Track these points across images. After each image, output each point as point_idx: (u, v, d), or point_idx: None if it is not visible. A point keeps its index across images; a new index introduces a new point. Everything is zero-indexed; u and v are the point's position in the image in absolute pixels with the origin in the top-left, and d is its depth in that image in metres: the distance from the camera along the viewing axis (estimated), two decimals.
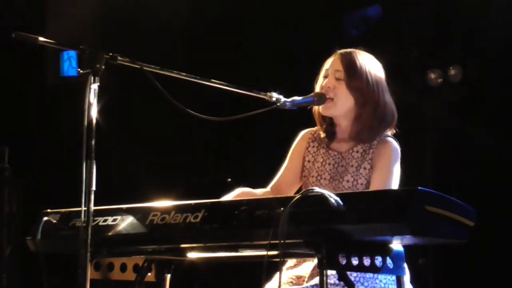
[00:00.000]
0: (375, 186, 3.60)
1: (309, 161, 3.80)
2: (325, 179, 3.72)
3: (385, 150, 3.68)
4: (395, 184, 3.62)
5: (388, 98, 3.75)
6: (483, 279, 6.90)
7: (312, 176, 3.74)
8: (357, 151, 3.71)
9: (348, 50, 3.79)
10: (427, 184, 6.60)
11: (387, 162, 3.64)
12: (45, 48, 7.10)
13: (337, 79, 3.72)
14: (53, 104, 8.22)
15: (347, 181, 3.67)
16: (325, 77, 3.76)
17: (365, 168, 3.67)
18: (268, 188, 3.84)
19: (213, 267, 5.25)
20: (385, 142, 3.70)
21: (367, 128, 3.69)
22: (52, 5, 8.08)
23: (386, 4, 7.34)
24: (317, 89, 3.78)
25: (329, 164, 3.74)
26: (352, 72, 3.70)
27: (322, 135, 3.81)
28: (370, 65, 3.74)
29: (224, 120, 3.58)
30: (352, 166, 3.69)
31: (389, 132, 3.76)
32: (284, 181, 3.83)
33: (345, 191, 3.63)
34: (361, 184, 3.65)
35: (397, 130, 3.79)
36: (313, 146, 3.83)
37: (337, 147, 3.78)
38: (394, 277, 3.38)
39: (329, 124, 3.80)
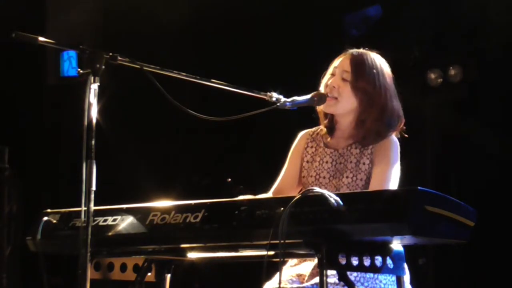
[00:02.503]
0: (375, 180, 3.60)
1: (307, 162, 3.80)
2: (324, 177, 3.71)
3: (385, 146, 3.67)
4: (395, 179, 3.62)
5: (395, 103, 3.74)
6: (483, 279, 6.90)
7: (311, 176, 3.74)
8: (355, 147, 3.71)
9: (360, 50, 3.78)
10: (427, 184, 6.61)
11: (387, 157, 3.64)
12: (45, 48, 7.11)
13: (343, 80, 3.71)
14: (53, 104, 8.21)
15: (347, 177, 3.66)
16: (332, 75, 3.76)
17: (364, 164, 3.66)
18: (270, 193, 3.82)
19: (213, 267, 5.25)
20: (385, 137, 3.70)
21: (373, 132, 3.68)
22: (52, 5, 8.08)
23: (386, 4, 7.34)
24: (322, 86, 3.77)
25: (327, 162, 3.74)
26: (359, 74, 3.70)
27: (324, 130, 3.81)
28: (380, 68, 3.73)
29: (224, 120, 3.58)
30: (351, 162, 3.69)
31: (395, 134, 3.75)
32: (285, 184, 3.81)
33: (345, 188, 3.64)
34: (361, 179, 3.64)
35: (404, 133, 3.78)
36: (311, 147, 3.83)
37: (334, 144, 3.78)
38: (394, 278, 3.38)
39: (330, 120, 3.80)
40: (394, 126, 3.73)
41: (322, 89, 3.76)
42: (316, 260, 3.03)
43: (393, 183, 3.60)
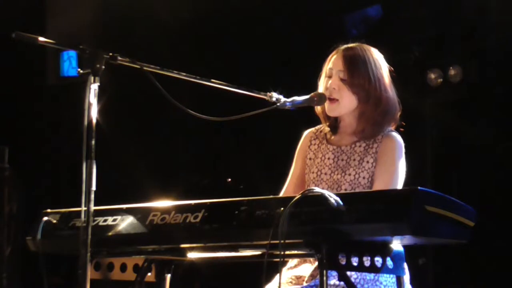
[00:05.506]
0: (379, 183, 3.60)
1: (310, 159, 3.80)
2: (325, 173, 3.71)
3: (389, 145, 3.67)
4: (400, 180, 3.63)
5: (391, 92, 3.74)
6: (483, 279, 6.90)
7: (313, 172, 3.74)
8: (360, 145, 3.71)
9: (350, 45, 3.79)
10: (427, 184, 6.61)
11: (391, 158, 3.64)
12: (45, 48, 7.11)
13: (341, 80, 3.71)
14: (53, 104, 8.22)
15: (349, 174, 3.66)
16: (329, 76, 3.76)
17: (368, 162, 3.66)
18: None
19: (213, 267, 5.25)
20: (390, 137, 3.70)
21: (371, 124, 3.69)
22: (52, 5, 8.08)
23: (386, 4, 7.34)
24: (321, 89, 3.77)
25: (328, 158, 3.74)
26: (353, 71, 3.70)
27: (326, 129, 3.81)
28: (373, 60, 3.74)
29: (224, 120, 3.58)
30: (354, 160, 3.69)
31: (393, 126, 3.76)
32: (293, 188, 3.80)
33: (347, 185, 3.64)
34: (364, 178, 3.64)
35: (401, 123, 3.79)
36: (315, 144, 3.83)
37: (337, 141, 3.78)
38: (394, 279, 3.37)
39: (333, 120, 3.80)
40: (392, 115, 3.73)
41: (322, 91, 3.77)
42: (316, 262, 3.02)
43: (399, 184, 3.61)
